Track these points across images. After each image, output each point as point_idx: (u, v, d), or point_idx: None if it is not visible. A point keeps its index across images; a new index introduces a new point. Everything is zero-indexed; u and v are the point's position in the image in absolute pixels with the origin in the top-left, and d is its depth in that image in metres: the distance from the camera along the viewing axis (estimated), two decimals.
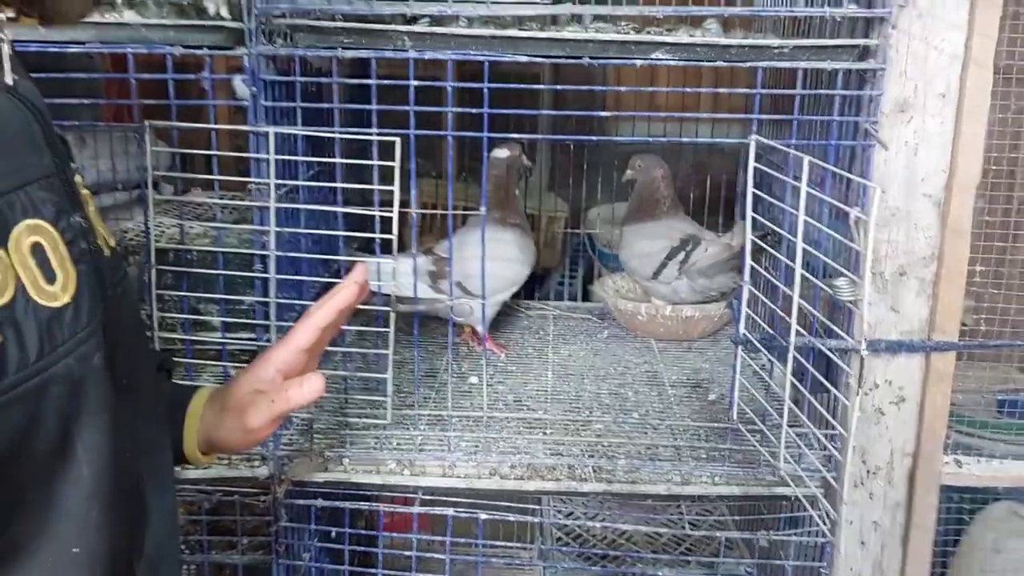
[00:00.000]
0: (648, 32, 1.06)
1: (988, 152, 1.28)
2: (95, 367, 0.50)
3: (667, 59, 1.00)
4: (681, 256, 1.49)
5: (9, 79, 0.51)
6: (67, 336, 0.48)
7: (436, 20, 1.04)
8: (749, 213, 1.02)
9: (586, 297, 1.86)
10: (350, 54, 1.02)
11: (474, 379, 1.36)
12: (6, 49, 0.52)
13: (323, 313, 0.77)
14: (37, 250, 0.48)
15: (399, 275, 1.24)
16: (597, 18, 1.10)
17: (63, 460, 0.49)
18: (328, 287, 1.25)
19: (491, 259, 1.21)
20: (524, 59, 1.01)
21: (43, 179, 0.50)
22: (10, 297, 0.45)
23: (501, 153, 1.46)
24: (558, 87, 1.16)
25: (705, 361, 1.47)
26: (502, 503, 1.16)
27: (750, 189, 1.01)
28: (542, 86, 1.13)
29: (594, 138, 1.43)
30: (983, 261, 1.29)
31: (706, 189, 1.74)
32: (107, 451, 0.52)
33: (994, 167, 1.33)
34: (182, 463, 0.76)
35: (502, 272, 1.41)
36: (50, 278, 0.48)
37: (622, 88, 1.08)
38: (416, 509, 1.16)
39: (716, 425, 1.20)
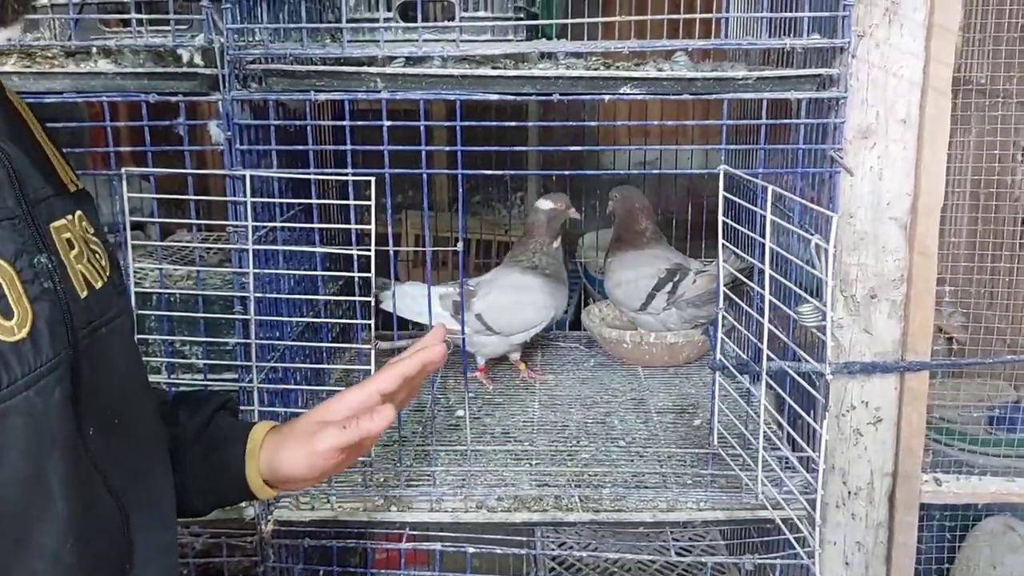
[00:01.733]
0: (617, 67, 1.08)
1: (974, 175, 1.31)
2: (57, 402, 0.51)
3: (634, 93, 1.03)
4: (669, 287, 1.51)
5: None
6: (26, 370, 0.49)
7: (411, 61, 1.07)
8: (721, 242, 1.04)
9: (577, 325, 1.88)
10: (323, 97, 1.04)
11: (461, 412, 1.37)
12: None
13: (409, 364, 0.76)
14: None
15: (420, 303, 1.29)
16: (569, 55, 1.12)
17: (38, 494, 0.50)
18: (309, 327, 1.29)
19: (518, 300, 1.25)
20: (495, 97, 1.03)
21: (4, 220, 0.51)
22: None
23: (544, 205, 1.49)
24: (542, 123, 1.18)
25: (691, 387, 1.48)
26: (493, 536, 1.17)
27: (720, 218, 1.03)
28: (528, 123, 1.16)
29: (569, 172, 1.45)
30: (965, 281, 1.31)
31: (702, 212, 1.76)
32: (85, 485, 0.53)
33: (974, 188, 1.36)
34: (248, 498, 0.76)
35: (525, 314, 1.44)
36: (6, 314, 0.49)
37: (607, 123, 1.11)
38: (404, 545, 1.16)
39: (701, 451, 1.21)
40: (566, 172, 1.34)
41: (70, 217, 0.58)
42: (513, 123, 1.08)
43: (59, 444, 0.51)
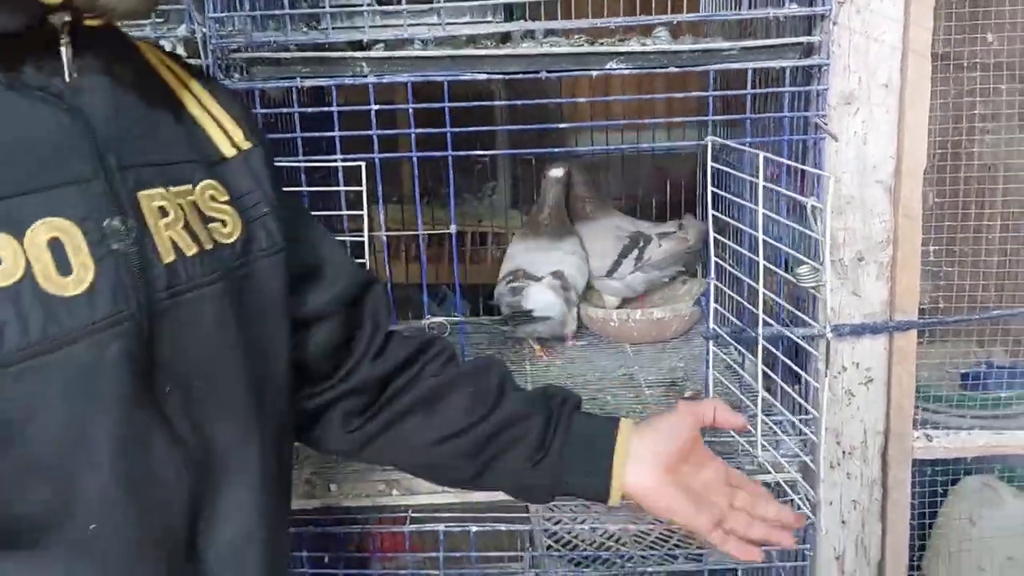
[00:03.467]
0: (601, 43, 1.09)
1: (938, 136, 1.34)
2: (112, 357, 0.53)
3: (621, 68, 1.03)
4: (635, 252, 1.53)
5: (65, 79, 0.56)
6: (76, 325, 0.52)
7: (392, 45, 1.06)
8: (710, 211, 1.06)
9: None
10: (308, 83, 1.04)
11: None
12: (64, 52, 0.56)
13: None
14: (55, 244, 0.52)
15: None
16: (549, 32, 1.13)
17: (80, 447, 0.52)
18: None
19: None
20: (483, 77, 1.03)
21: (77, 183, 0.54)
22: (16, 279, 0.50)
23: (557, 172, 1.52)
24: (517, 102, 1.18)
25: (680, 360, 1.49)
26: (491, 514, 1.18)
27: (709, 188, 1.04)
28: (499, 102, 1.16)
29: (544, 150, 1.45)
30: (935, 241, 1.34)
31: (666, 192, 1.78)
32: (142, 439, 0.55)
33: (941, 150, 1.39)
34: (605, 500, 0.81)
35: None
36: (65, 271, 0.52)
37: (581, 99, 1.11)
38: (407, 528, 1.17)
39: None
40: (542, 150, 1.33)
41: (180, 188, 0.61)
42: (499, 102, 1.09)
43: (109, 397, 0.53)
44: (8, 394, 0.49)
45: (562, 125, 1.14)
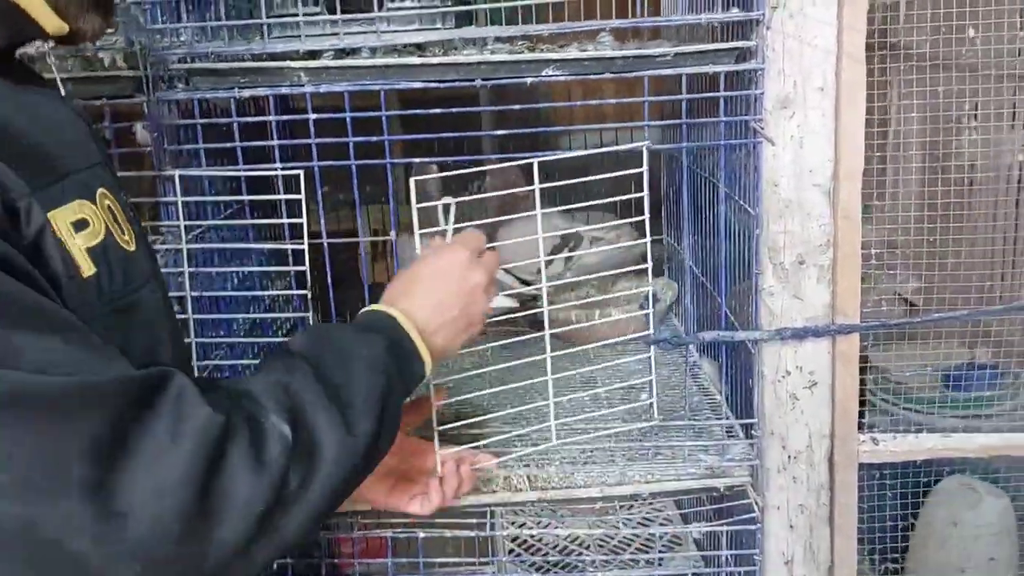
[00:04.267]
0: (540, 50, 1.09)
1: (923, 142, 1.33)
2: (157, 304, 0.71)
3: (557, 75, 1.04)
4: (566, 252, 1.53)
5: (62, 91, 0.73)
6: (138, 275, 0.67)
7: (339, 53, 1.07)
8: (648, 219, 1.06)
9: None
10: (247, 93, 1.05)
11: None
12: (56, 71, 0.76)
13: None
14: (111, 209, 0.66)
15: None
16: (497, 39, 1.13)
17: (157, 343, 0.71)
18: (255, 323, 1.29)
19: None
20: (419, 86, 1.04)
21: (102, 164, 0.70)
22: (101, 238, 0.63)
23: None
24: (496, 107, 1.18)
25: (638, 363, 1.49)
26: (441, 520, 1.18)
27: (647, 196, 1.04)
28: (479, 108, 1.16)
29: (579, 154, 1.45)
30: (919, 242, 1.34)
31: (620, 189, 1.77)
32: (176, 330, 0.79)
33: (922, 151, 1.38)
34: None
35: None
36: (122, 232, 0.67)
37: (564, 103, 1.12)
38: (356, 534, 1.17)
39: (643, 424, 1.22)
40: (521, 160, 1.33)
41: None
42: (497, 107, 1.09)
43: (165, 322, 0.73)
44: (110, 324, 0.62)
45: (547, 129, 1.15)
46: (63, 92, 0.72)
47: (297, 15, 1.04)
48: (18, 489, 0.50)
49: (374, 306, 0.83)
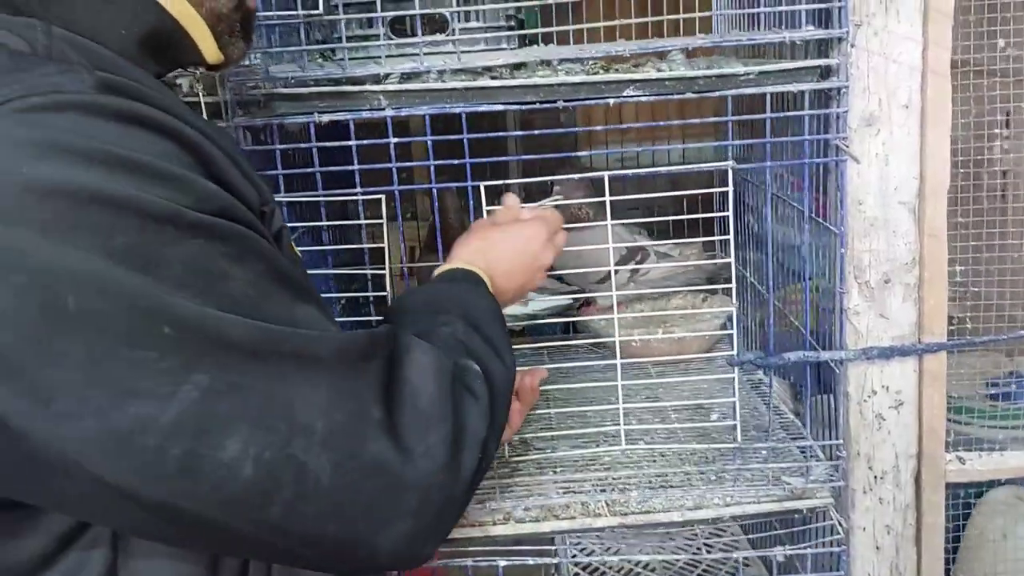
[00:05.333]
0: (615, 70, 1.09)
1: (956, 151, 1.32)
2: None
3: (638, 95, 1.03)
4: (632, 264, 1.52)
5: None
6: None
7: (407, 77, 1.06)
8: (732, 238, 1.05)
9: (574, 328, 1.87)
10: (327, 118, 1.04)
11: None
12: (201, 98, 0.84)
13: None
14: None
15: None
16: (565, 60, 1.12)
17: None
18: None
19: None
20: (501, 107, 1.03)
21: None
22: None
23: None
24: (534, 131, 1.18)
25: (702, 381, 1.48)
26: (518, 548, 1.16)
27: (730, 216, 1.03)
28: (513, 132, 1.16)
29: (593, 174, 1.45)
30: (954, 251, 1.32)
31: (682, 205, 1.77)
32: None
33: (956, 158, 1.37)
34: None
35: None
36: None
37: (598, 128, 1.10)
38: (434, 563, 1.16)
39: (722, 446, 1.21)
40: (591, 174, 1.33)
41: None
42: (514, 133, 1.08)
43: None
44: None
45: (581, 153, 1.14)
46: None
47: (370, 38, 1.03)
48: (337, 435, 0.54)
49: (459, 264, 0.87)
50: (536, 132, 1.14)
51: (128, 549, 0.56)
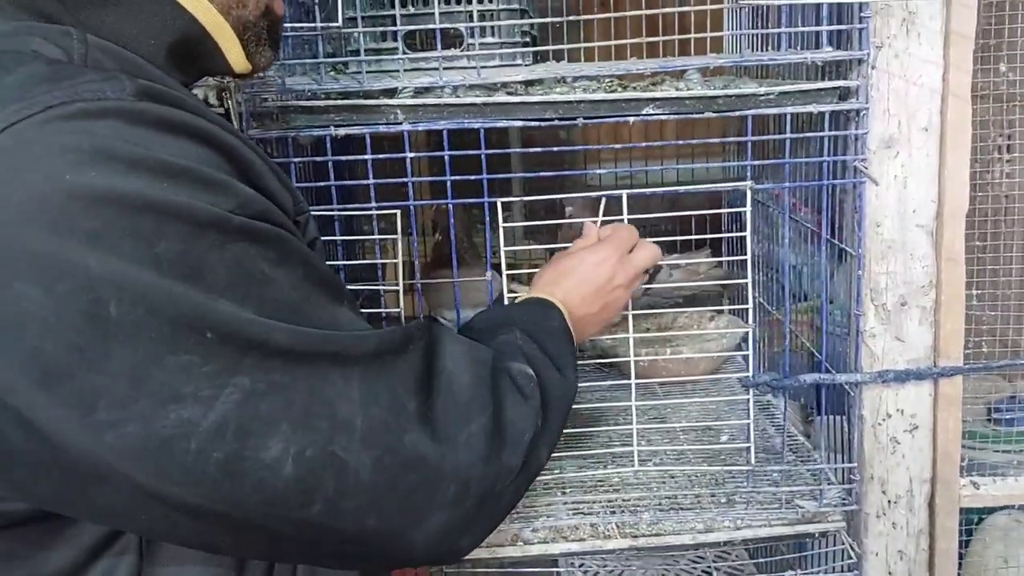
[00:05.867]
0: (633, 88, 1.08)
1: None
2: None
3: (658, 113, 1.02)
4: (645, 278, 1.51)
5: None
6: None
7: (421, 91, 1.05)
8: (750, 258, 1.04)
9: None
10: (343, 131, 1.03)
11: None
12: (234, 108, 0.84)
13: None
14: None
15: None
16: (580, 78, 1.12)
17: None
18: None
19: None
20: (519, 124, 1.02)
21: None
22: None
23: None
24: (542, 148, 1.17)
25: (711, 402, 1.47)
26: (524, 570, 1.15)
27: (750, 235, 1.02)
28: (526, 149, 1.14)
29: (606, 193, 1.45)
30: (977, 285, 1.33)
31: (677, 224, 1.76)
32: None
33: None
34: None
35: None
36: None
37: (618, 146, 1.09)
38: None
39: (735, 468, 1.20)
40: (605, 192, 1.32)
41: None
42: (518, 150, 1.07)
43: None
44: None
45: (587, 172, 1.13)
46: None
47: (385, 52, 1.03)
48: (376, 430, 0.54)
49: (535, 294, 0.88)
50: (548, 149, 1.13)
51: (155, 555, 0.56)
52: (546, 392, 0.69)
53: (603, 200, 0.98)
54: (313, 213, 1.06)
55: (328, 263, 1.14)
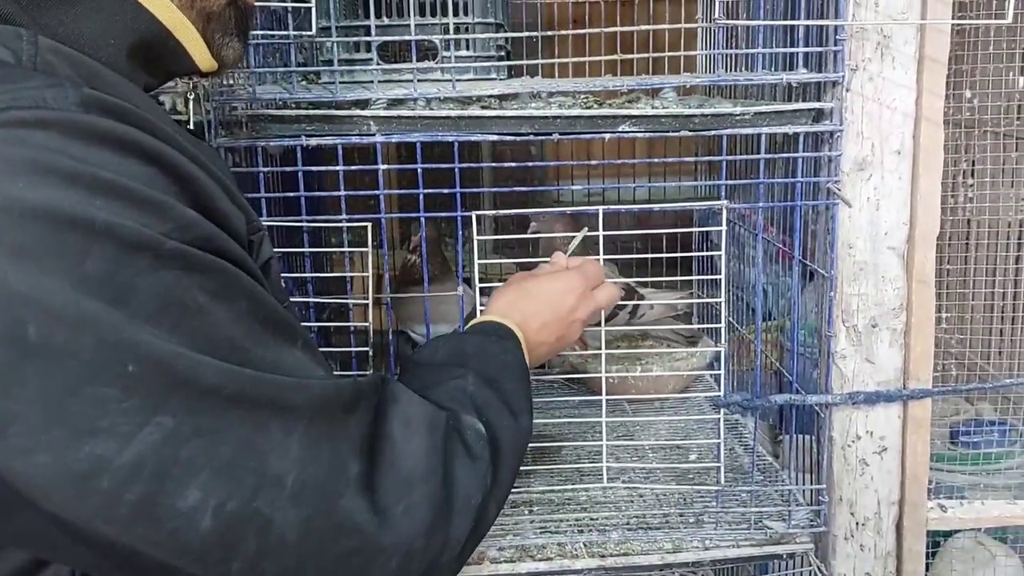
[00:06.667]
0: (609, 105, 1.08)
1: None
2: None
3: (634, 131, 1.02)
4: (628, 308, 1.51)
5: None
6: None
7: (394, 103, 1.04)
8: (725, 277, 1.04)
9: (548, 362, 1.85)
10: (314, 141, 1.01)
11: None
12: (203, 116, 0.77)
13: None
14: None
15: None
16: (556, 93, 1.11)
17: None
18: None
19: None
20: (494, 138, 1.01)
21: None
22: None
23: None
24: (514, 164, 1.16)
25: (680, 420, 1.46)
26: None
27: (724, 255, 1.02)
28: (490, 164, 1.14)
29: (548, 211, 1.44)
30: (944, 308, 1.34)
31: (649, 242, 1.76)
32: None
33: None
34: None
35: None
36: None
37: (594, 162, 1.09)
38: None
39: (704, 487, 1.19)
40: (583, 207, 1.31)
41: None
42: (521, 163, 1.06)
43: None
44: None
45: (560, 188, 1.12)
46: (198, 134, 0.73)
47: (359, 63, 1.01)
48: (308, 490, 0.51)
49: (492, 317, 0.85)
50: (523, 164, 1.12)
51: None
52: (498, 445, 0.66)
53: (584, 230, 0.97)
54: (281, 224, 1.05)
55: (295, 275, 1.13)
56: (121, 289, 0.45)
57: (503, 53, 1.23)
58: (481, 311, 0.88)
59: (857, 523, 1.10)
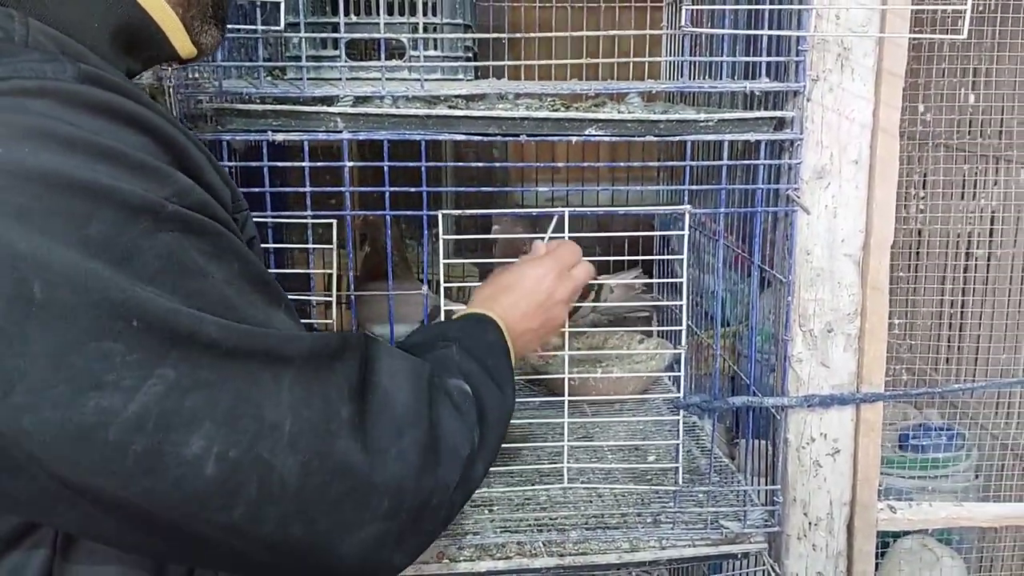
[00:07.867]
0: (575, 108, 1.09)
1: None
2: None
3: (600, 135, 1.03)
4: (592, 296, 1.53)
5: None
6: None
7: (360, 100, 1.04)
8: (686, 280, 1.05)
9: None
10: (280, 137, 1.00)
11: None
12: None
13: None
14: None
15: None
16: (523, 95, 1.12)
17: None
18: None
19: None
20: (461, 137, 1.01)
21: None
22: None
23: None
24: (476, 164, 1.17)
25: (638, 422, 1.48)
26: None
27: (686, 259, 1.04)
28: (453, 163, 1.14)
29: (572, 209, 1.45)
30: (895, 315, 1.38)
31: (609, 245, 1.78)
32: None
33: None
34: None
35: None
36: None
37: (560, 164, 1.10)
38: None
39: (662, 488, 1.21)
40: (550, 210, 1.32)
41: None
42: (455, 163, 1.07)
43: None
44: None
45: (524, 190, 1.13)
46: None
47: (326, 59, 1.01)
48: (305, 435, 0.52)
49: (474, 309, 0.87)
50: (490, 164, 1.13)
51: (70, 552, 0.53)
52: (483, 409, 0.68)
53: (556, 217, 0.98)
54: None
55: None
56: (124, 251, 0.47)
57: (471, 54, 1.23)
58: (455, 313, 0.89)
59: (810, 523, 1.13)
